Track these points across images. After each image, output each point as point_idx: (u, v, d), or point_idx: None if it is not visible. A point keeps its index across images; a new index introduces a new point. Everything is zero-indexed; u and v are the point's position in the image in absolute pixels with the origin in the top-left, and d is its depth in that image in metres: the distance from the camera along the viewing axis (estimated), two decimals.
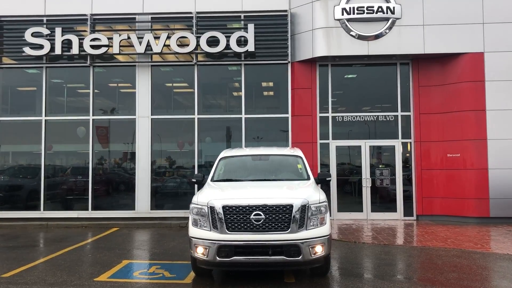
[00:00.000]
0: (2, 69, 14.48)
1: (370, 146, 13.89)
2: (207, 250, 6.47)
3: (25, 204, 14.09)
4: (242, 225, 6.42)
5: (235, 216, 6.44)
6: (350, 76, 14.69)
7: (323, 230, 6.63)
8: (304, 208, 6.50)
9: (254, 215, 6.39)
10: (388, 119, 13.92)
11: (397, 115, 13.88)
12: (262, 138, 14.12)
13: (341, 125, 14.01)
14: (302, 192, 6.88)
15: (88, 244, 10.13)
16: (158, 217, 13.44)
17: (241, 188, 7.31)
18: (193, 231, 6.74)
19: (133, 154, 14.07)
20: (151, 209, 13.75)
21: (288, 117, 13.86)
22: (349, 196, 14.06)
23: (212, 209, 6.53)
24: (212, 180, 8.00)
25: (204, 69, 14.15)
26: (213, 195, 6.89)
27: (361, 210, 13.75)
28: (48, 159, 14.32)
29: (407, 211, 13.69)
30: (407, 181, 13.78)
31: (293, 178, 7.94)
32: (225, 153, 8.79)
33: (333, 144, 13.90)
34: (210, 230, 6.54)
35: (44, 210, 13.92)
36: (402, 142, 13.85)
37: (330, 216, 13.58)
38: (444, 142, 13.30)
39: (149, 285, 6.70)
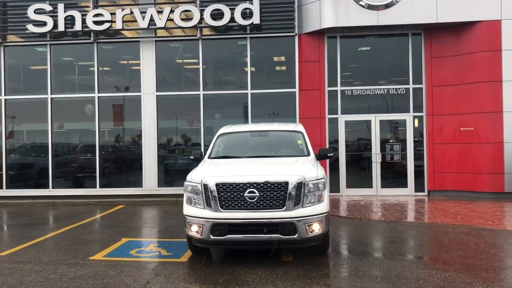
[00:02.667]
0: (8, 47, 14.41)
1: (380, 120, 13.49)
2: (201, 228, 6.32)
3: (34, 183, 14.19)
4: (236, 203, 6.23)
5: (228, 194, 6.25)
6: (359, 48, 14.20)
7: (321, 208, 6.39)
8: (300, 185, 6.26)
9: (248, 192, 6.19)
10: (399, 92, 13.46)
11: (409, 88, 13.40)
12: (277, 114, 13.78)
13: (351, 99, 13.61)
14: (299, 169, 6.63)
15: (91, 222, 10.11)
16: (165, 194, 13.39)
17: (236, 165, 7.10)
18: (187, 209, 6.58)
19: (139, 132, 13.95)
20: (158, 186, 13.73)
21: (295, 91, 13.52)
22: (358, 171, 13.77)
23: (205, 186, 6.35)
24: (209, 157, 7.81)
25: (209, 44, 13.83)
26: (207, 172, 6.69)
27: (371, 186, 13.46)
28: (56, 137, 14.32)
29: (418, 187, 13.35)
30: (418, 156, 13.39)
31: (292, 154, 7.68)
32: (224, 129, 8.56)
33: (342, 118, 13.53)
34: (204, 208, 6.37)
35: (52, 188, 14.01)
36: (414, 116, 13.41)
37: (340, 193, 13.53)
38: (458, 115, 12.82)
39: (143, 264, 6.60)
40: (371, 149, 13.47)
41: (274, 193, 6.21)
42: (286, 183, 6.21)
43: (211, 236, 6.25)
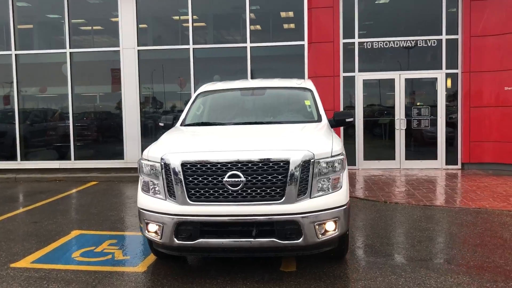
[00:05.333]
0: None
1: (406, 79, 11.21)
2: (161, 228, 4.28)
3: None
4: (212, 191, 4.17)
5: (200, 178, 4.18)
6: None
7: (338, 198, 4.31)
8: (307, 165, 4.16)
9: (230, 176, 4.11)
10: (429, 45, 11.12)
11: (441, 40, 11.04)
12: (282, 72, 11.54)
13: (370, 54, 11.31)
14: (306, 141, 4.51)
15: (46, 205, 8.12)
16: None
17: (216, 136, 5.01)
18: (142, 200, 4.54)
19: (119, 96, 11.84)
20: None
21: (303, 44, 11.23)
22: (378, 140, 11.61)
23: (167, 167, 4.28)
24: (182, 124, 5.70)
25: None
26: (172, 145, 4.60)
27: (393, 158, 11.32)
28: (24, 102, 12.30)
29: (450, 159, 11.20)
30: (451, 122, 11.17)
31: (298, 120, 5.54)
32: (205, 87, 6.40)
33: (360, 77, 11.28)
34: (166, 199, 4.32)
35: (21, 160, 12.07)
36: (447, 74, 11.11)
37: (356, 166, 11.41)
38: (502, 72, 10.50)
39: (82, 277, 4.62)
40: (395, 114, 11.25)
41: (268, 178, 4.12)
42: (286, 162, 4.12)
43: (175, 240, 4.22)
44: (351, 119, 5.72)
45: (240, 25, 11.56)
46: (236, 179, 4.10)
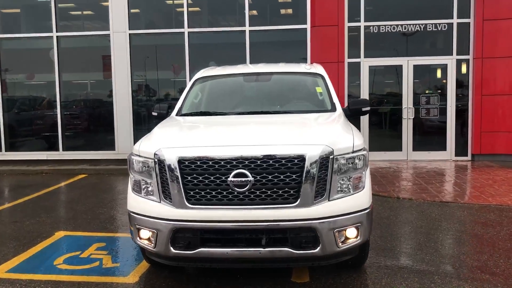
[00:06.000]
0: None
1: (414, 66, 10.58)
2: (155, 235, 3.67)
3: None
4: (215, 193, 3.55)
5: (201, 178, 3.56)
6: None
7: (360, 200, 3.71)
8: (325, 162, 3.56)
9: (235, 175, 3.49)
10: (439, 29, 10.49)
11: (452, 23, 10.41)
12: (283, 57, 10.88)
13: (377, 38, 10.67)
14: (324, 134, 3.89)
15: (28, 202, 7.46)
16: None
17: (218, 127, 4.38)
18: (132, 202, 3.93)
19: (109, 83, 11.14)
20: None
21: (306, 28, 10.56)
22: (383, 130, 11.02)
23: (161, 163, 3.65)
24: (178, 113, 5.05)
25: None
26: (167, 138, 3.97)
27: (400, 149, 10.74)
28: (9, 89, 11.58)
29: (460, 150, 10.64)
30: (461, 110, 10.59)
31: (309, 110, 4.92)
32: (203, 72, 5.73)
33: (366, 63, 10.65)
34: (160, 201, 3.70)
35: (6, 151, 11.38)
36: (458, 60, 10.50)
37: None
38: None
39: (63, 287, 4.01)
40: (402, 102, 10.65)
41: (280, 177, 3.51)
42: (302, 159, 3.50)
43: (171, 249, 3.62)
44: (367, 108, 5.10)
45: (238, 8, 10.86)
46: (243, 179, 3.48)
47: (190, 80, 5.59)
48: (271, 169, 3.50)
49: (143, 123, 11.23)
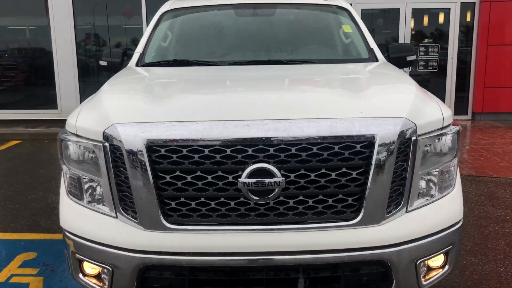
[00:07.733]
0: None
1: (412, 10, 9.12)
2: (109, 274, 2.10)
3: None
4: (214, 204, 1.99)
5: (189, 178, 1.96)
6: None
7: (451, 209, 2.26)
8: (405, 147, 2.04)
9: (252, 174, 1.92)
10: None
11: None
12: None
13: None
14: (396, 98, 2.37)
15: None
16: None
17: (209, 87, 2.71)
18: (67, 215, 2.29)
19: (48, 29, 9.09)
20: None
21: None
22: None
23: (116, 150, 2.02)
24: (140, 63, 3.33)
25: None
26: (125, 107, 2.31)
27: None
28: None
29: (459, 107, 9.49)
30: (463, 62, 9.32)
31: (332, 58, 3.35)
32: (173, 3, 3.93)
33: (358, 6, 9.07)
34: (116, 216, 2.11)
35: None
36: (462, 3, 9.10)
37: None
38: None
39: None
40: None
41: (331, 176, 1.96)
42: (369, 142, 1.96)
43: None
44: (413, 57, 3.58)
45: None
46: (266, 180, 1.92)
47: (154, 16, 3.83)
48: (314, 161, 1.95)
49: (92, 76, 9.33)
